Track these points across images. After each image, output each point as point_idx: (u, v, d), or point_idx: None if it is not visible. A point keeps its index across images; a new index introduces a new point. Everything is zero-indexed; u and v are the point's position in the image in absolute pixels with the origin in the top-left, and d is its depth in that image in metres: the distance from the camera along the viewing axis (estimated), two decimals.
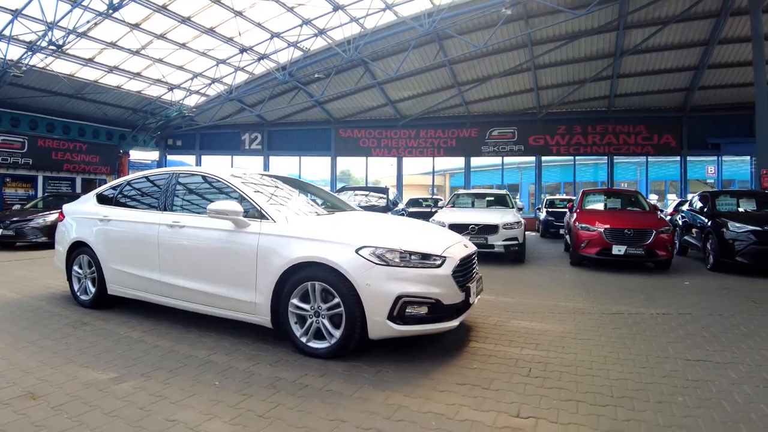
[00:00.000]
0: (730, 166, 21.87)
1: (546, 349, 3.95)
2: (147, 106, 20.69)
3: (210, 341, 3.93)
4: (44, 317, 4.63)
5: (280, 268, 3.59)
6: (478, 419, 2.66)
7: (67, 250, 5.19)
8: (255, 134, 24.00)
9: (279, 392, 2.91)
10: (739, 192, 11.14)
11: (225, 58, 17.66)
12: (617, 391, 3.12)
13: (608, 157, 22.50)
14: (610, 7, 15.01)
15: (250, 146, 23.98)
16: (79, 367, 3.26)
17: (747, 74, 18.00)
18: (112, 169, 21.15)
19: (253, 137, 23.96)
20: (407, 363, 3.49)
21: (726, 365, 3.65)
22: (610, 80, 19.36)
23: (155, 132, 22.87)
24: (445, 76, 19.93)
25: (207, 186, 4.55)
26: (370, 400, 2.85)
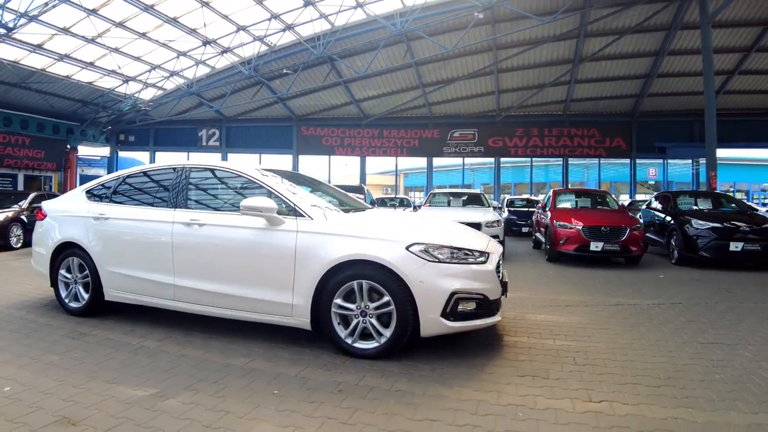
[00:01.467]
0: (673, 168, 23.44)
1: (575, 339, 4.08)
2: (98, 99, 19.51)
3: (240, 347, 3.65)
4: (33, 329, 4.11)
5: (323, 267, 3.43)
6: (558, 407, 2.72)
7: (51, 253, 4.64)
8: (213, 130, 23.22)
9: (349, 396, 2.80)
10: (696, 192, 11.98)
11: (186, 51, 16.99)
12: (661, 373, 3.30)
13: (563, 159, 23.54)
14: (572, 16, 15.71)
15: (207, 143, 23.16)
16: (106, 384, 2.93)
17: (691, 83, 19.44)
18: (58, 166, 19.79)
19: (210, 133, 23.17)
20: (455, 359, 3.47)
21: (736, 346, 3.96)
22: (567, 85, 20.26)
23: (106, 126, 21.62)
24: (411, 77, 20.12)
25: (227, 182, 4.26)
26: (446, 397, 2.82)
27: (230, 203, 4.15)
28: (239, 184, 4.17)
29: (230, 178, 4.24)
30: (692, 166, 22.27)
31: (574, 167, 25.94)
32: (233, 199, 4.15)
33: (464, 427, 2.46)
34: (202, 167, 4.38)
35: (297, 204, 3.72)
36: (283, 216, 3.67)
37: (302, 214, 3.65)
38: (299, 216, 3.65)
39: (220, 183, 4.32)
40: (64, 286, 4.64)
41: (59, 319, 4.44)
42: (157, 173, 4.59)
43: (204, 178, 4.33)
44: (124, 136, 23.01)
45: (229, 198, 4.18)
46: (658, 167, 23.42)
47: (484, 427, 2.48)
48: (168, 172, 4.46)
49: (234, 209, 4.00)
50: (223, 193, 4.27)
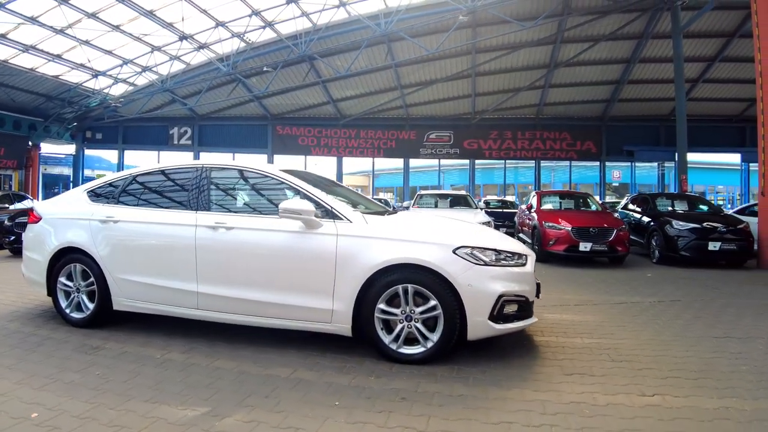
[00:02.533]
0: (640, 170, 24.40)
1: (599, 337, 4.17)
2: (65, 94, 18.60)
3: (274, 356, 3.50)
4: (35, 343, 3.74)
5: (367, 271, 3.33)
6: (617, 402, 2.79)
7: (49, 259, 4.24)
8: (185, 128, 22.56)
9: (414, 403, 2.73)
10: (672, 194, 12.49)
11: (161, 45, 16.42)
12: (693, 366, 3.45)
13: (536, 161, 24.12)
14: (551, 23, 16.11)
15: (179, 141, 22.48)
16: (147, 404, 2.69)
17: (658, 90, 20.30)
18: (19, 164, 18.75)
19: (182, 131, 22.50)
20: (497, 361, 3.47)
21: (747, 340, 4.18)
22: (541, 89, 20.78)
23: (71, 123, 20.61)
24: (390, 78, 20.16)
25: (253, 182, 4.10)
26: (510, 399, 2.82)
27: (259, 205, 4.02)
28: (266, 184, 4.04)
29: (255, 178, 4.09)
30: (658, 169, 23.27)
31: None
32: (262, 201, 4.02)
33: (541, 427, 2.48)
34: (225, 167, 4.16)
35: (333, 206, 3.60)
36: (320, 219, 3.55)
37: (340, 217, 3.55)
38: (336, 219, 3.55)
39: (246, 184, 4.14)
40: (64, 296, 4.25)
41: (61, 331, 4.08)
42: (171, 173, 4.32)
43: (227, 178, 4.12)
44: (90, 133, 22.01)
45: (258, 200, 4.04)
46: (623, 170, 24.35)
47: (560, 425, 2.50)
48: (184, 171, 4.20)
49: (264, 211, 3.88)
50: (250, 195, 4.11)
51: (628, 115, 22.08)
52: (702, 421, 2.59)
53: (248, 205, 4.04)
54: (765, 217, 9.18)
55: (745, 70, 18.65)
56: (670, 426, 2.54)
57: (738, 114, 21.44)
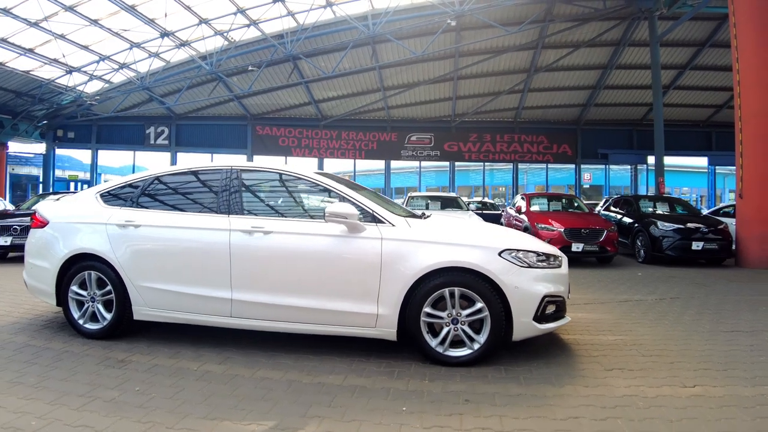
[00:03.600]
0: (613, 173, 25.17)
1: (620, 334, 4.31)
2: (35, 90, 17.83)
3: (317, 363, 3.42)
4: (52, 358, 3.47)
5: (413, 275, 3.32)
6: (665, 393, 2.92)
7: (60, 267, 3.97)
8: (162, 128, 21.97)
9: (480, 405, 2.74)
10: (653, 197, 12.96)
11: (141, 42, 15.98)
12: (717, 358, 3.64)
13: (513, 164, 24.59)
14: (533, 29, 16.50)
15: (155, 141, 21.88)
16: (207, 421, 2.56)
17: (631, 96, 21.06)
18: None
19: (159, 131, 21.91)
20: (538, 360, 3.53)
21: (754, 333, 4.42)
22: (521, 93, 21.22)
23: (42, 121, 19.74)
24: (373, 80, 20.20)
25: (287, 185, 4.02)
26: (568, 396, 2.89)
27: (296, 209, 3.97)
28: (301, 187, 3.98)
29: (289, 181, 4.02)
30: (631, 171, 24.09)
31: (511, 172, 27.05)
32: (298, 205, 3.97)
33: (607, 420, 2.56)
34: (256, 169, 4.06)
35: (374, 210, 3.57)
36: (363, 222, 3.51)
37: (382, 221, 3.53)
38: (379, 222, 3.53)
39: (279, 187, 4.07)
40: (76, 305, 3.99)
41: (75, 343, 3.81)
42: (196, 175, 4.15)
43: (259, 181, 4.05)
44: (62, 131, 21.12)
45: (294, 203, 3.99)
46: (592, 172, 25.07)
47: (624, 417, 2.60)
48: (211, 173, 4.04)
49: (302, 215, 3.84)
50: (286, 198, 4.04)
51: (603, 119, 22.79)
52: (747, 408, 2.74)
53: (284, 209, 3.96)
54: (743, 218, 9.64)
55: (713, 78, 19.60)
56: (720, 413, 2.67)
57: (705, 119, 22.43)
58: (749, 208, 9.43)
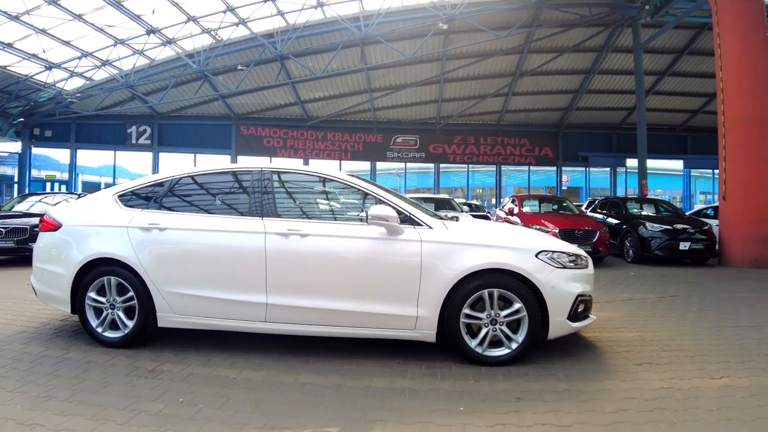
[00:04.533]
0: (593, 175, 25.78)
1: (637, 331, 4.46)
2: (12, 86, 17.22)
3: (355, 368, 3.41)
4: (78, 369, 3.30)
5: (454, 277, 3.37)
6: (697, 385, 3.09)
7: (76, 273, 3.80)
8: (144, 127, 21.48)
9: (532, 401, 2.86)
10: (640, 199, 13.36)
11: (126, 38, 15.63)
12: (733, 351, 3.85)
13: (496, 166, 24.96)
14: (519, 34, 16.81)
15: (137, 140, 21.38)
16: (269, 431, 2.52)
17: (611, 100, 21.67)
18: None
19: (141, 130, 21.41)
20: (569, 358, 3.63)
21: (757, 327, 4.66)
22: (505, 97, 21.57)
23: (17, 119, 19.06)
24: (360, 81, 20.24)
25: (321, 187, 4.02)
26: (608, 390, 3.01)
27: (332, 211, 3.97)
28: (335, 190, 3.99)
29: (323, 183, 4.03)
30: (610, 174, 24.74)
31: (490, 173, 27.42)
32: (334, 207, 3.97)
33: (654, 412, 2.69)
34: (286, 171, 4.04)
35: (411, 212, 3.59)
36: (402, 225, 3.53)
37: (419, 223, 3.55)
38: (417, 225, 3.55)
39: (313, 189, 4.08)
40: (94, 313, 3.82)
41: (96, 353, 3.64)
42: (224, 176, 4.08)
43: (290, 182, 4.03)
44: (39, 130, 20.40)
45: (329, 205, 3.99)
46: (571, 174, 25.63)
47: (668, 408, 2.74)
48: (240, 174, 4.00)
49: (338, 218, 3.85)
50: (318, 200, 4.04)
51: (584, 122, 23.35)
52: None
53: (318, 211, 3.96)
54: (726, 220, 10.03)
55: (689, 84, 20.33)
56: (753, 402, 2.84)
57: (681, 124, 23.22)
58: (732, 210, 9.82)
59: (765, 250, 9.48)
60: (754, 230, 9.47)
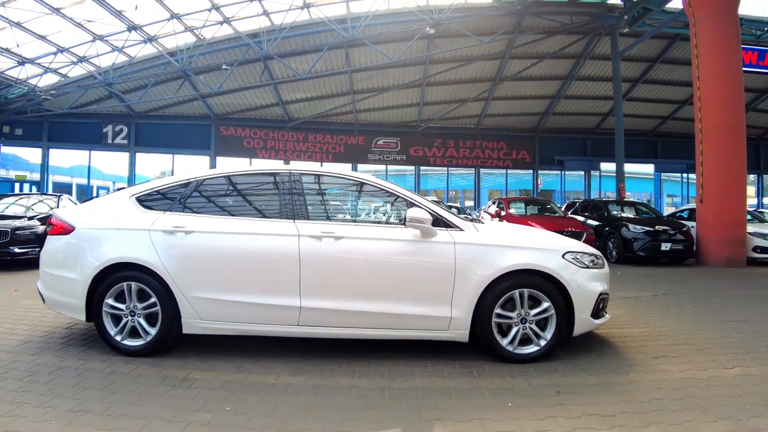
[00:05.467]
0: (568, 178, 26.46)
1: (642, 326, 4.70)
2: None
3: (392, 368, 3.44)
4: (104, 380, 3.13)
5: (487, 278, 3.46)
6: (714, 375, 3.33)
7: (92, 278, 3.61)
8: (120, 126, 20.87)
9: (572, 394, 2.98)
10: (620, 201, 13.84)
11: (106, 35, 15.22)
12: (735, 343, 4.14)
13: (475, 169, 25.35)
14: (502, 40, 17.18)
15: (113, 140, 20.76)
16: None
17: (586, 106, 22.35)
18: None
19: (117, 130, 20.80)
20: (589, 353, 3.79)
21: (750, 322, 4.99)
22: (485, 101, 21.95)
23: None
24: (343, 83, 20.25)
25: (352, 190, 4.04)
26: (637, 381, 3.19)
27: (362, 213, 4.01)
28: (364, 191, 4.03)
29: (354, 186, 4.06)
30: (584, 177, 25.47)
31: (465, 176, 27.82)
32: (364, 209, 4.02)
33: (683, 399, 2.88)
34: (316, 173, 4.04)
35: (442, 214, 3.65)
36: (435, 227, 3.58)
37: (451, 225, 3.62)
38: (449, 227, 3.61)
39: (342, 191, 4.12)
40: (112, 320, 3.64)
41: (117, 362, 3.46)
42: (250, 178, 4.07)
43: (320, 185, 4.04)
44: (9, 128, 19.53)
45: (359, 207, 4.02)
46: (545, 178, 26.23)
47: (697, 396, 2.94)
48: (268, 176, 4.00)
49: (371, 220, 3.89)
50: (350, 202, 4.08)
51: (560, 127, 23.98)
52: None
53: (350, 214, 4.00)
54: (703, 222, 10.53)
55: (661, 92, 21.17)
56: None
57: (652, 129, 24.11)
58: (709, 213, 10.32)
59: (739, 250, 10.03)
60: (730, 232, 9.99)
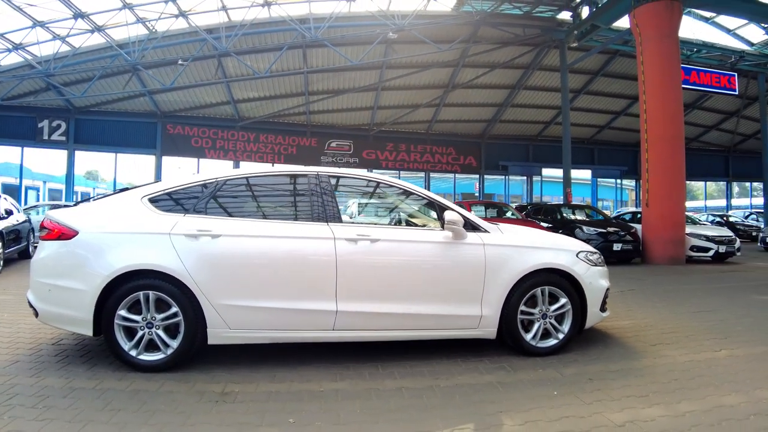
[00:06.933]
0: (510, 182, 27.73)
1: (628, 319, 5.11)
2: None
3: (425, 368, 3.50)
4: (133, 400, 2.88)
5: (515, 276, 3.65)
6: (708, 357, 3.78)
7: (103, 288, 3.30)
8: (58, 122, 19.33)
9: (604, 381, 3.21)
10: (571, 205, 14.76)
11: (48, 21, 14.18)
12: (710, 330, 4.64)
13: (425, 173, 25.94)
14: (457, 49, 17.79)
15: (50, 136, 19.20)
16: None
17: (530, 114, 23.64)
18: None
19: (55, 125, 19.26)
20: (597, 343, 4.10)
21: (715, 311, 5.61)
22: (436, 107, 22.57)
23: None
24: (298, 83, 20.09)
25: (381, 192, 4.09)
26: (653, 366, 3.55)
27: (393, 215, 4.09)
28: (392, 194, 4.12)
29: (381, 188, 4.11)
30: (526, 182, 26.82)
31: (415, 181, 28.50)
32: (394, 211, 4.09)
33: (695, 379, 3.26)
34: (344, 175, 4.02)
35: (469, 217, 3.79)
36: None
37: (479, 227, 3.77)
38: (476, 229, 3.76)
39: (371, 194, 4.18)
40: (126, 334, 3.35)
41: (135, 379, 3.20)
42: (277, 179, 3.97)
43: (348, 187, 4.11)
44: None
45: (389, 210, 4.11)
46: (492, 182, 27.35)
47: (702, 375, 3.36)
48: (295, 178, 3.88)
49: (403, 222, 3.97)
50: (379, 205, 4.15)
51: (505, 134, 25.12)
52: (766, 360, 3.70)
53: (381, 216, 4.10)
54: (648, 223, 11.51)
55: (599, 102, 22.80)
56: (757, 365, 3.60)
57: (589, 137, 25.85)
58: (654, 215, 11.30)
59: (680, 249, 11.06)
60: (672, 233, 11.00)
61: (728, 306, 5.90)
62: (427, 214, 4.04)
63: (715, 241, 11.33)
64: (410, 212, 4.22)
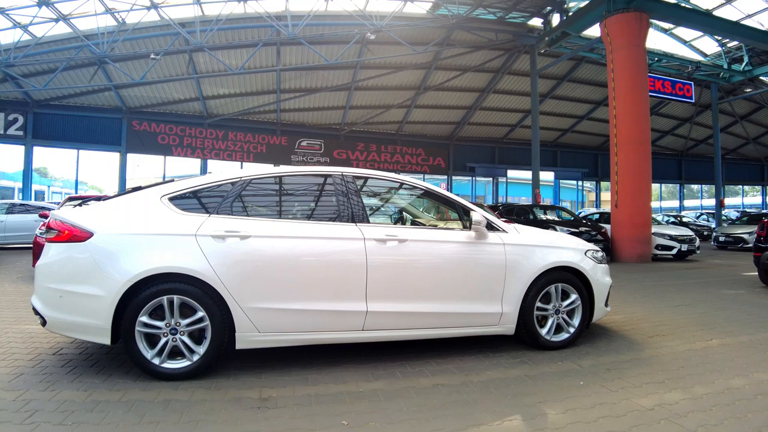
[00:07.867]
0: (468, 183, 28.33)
1: (619, 314, 5.38)
2: None
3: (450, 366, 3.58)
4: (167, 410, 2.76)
5: (531, 275, 3.82)
6: (704, 346, 4.10)
7: (123, 294, 3.14)
8: (15, 115, 18.31)
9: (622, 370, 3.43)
10: (542, 205, 15.27)
11: (8, 8, 13.45)
12: (696, 322, 5.01)
13: (396, 173, 26.14)
14: (430, 51, 18.07)
15: (6, 131, 18.13)
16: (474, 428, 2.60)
17: (497, 117, 24.26)
18: None
19: (11, 119, 18.22)
20: (601, 337, 4.37)
21: (694, 305, 6.01)
22: (407, 109, 22.83)
23: None
24: (270, 81, 19.86)
25: (405, 193, 4.15)
26: (659, 355, 3.80)
27: (417, 216, 4.16)
28: (414, 195, 4.22)
29: (404, 189, 4.19)
30: (492, 183, 27.51)
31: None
32: (418, 212, 4.17)
33: (699, 366, 3.56)
34: (368, 176, 4.02)
35: (490, 218, 3.90)
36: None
37: (498, 228, 3.91)
38: (495, 229, 3.90)
39: (395, 194, 4.22)
40: (147, 341, 3.21)
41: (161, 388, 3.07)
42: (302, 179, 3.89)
43: (373, 188, 4.14)
44: None
45: (414, 210, 4.16)
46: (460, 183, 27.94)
47: (704, 362, 3.65)
48: (320, 178, 3.85)
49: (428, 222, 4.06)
50: (403, 205, 4.19)
51: (473, 136, 25.70)
52: (755, 347, 4.05)
53: (406, 216, 4.14)
54: (617, 223, 12.11)
55: (564, 107, 23.66)
56: (749, 351, 3.93)
57: (553, 141, 26.79)
58: (623, 215, 11.90)
59: (646, 248, 11.69)
60: (639, 232, 11.62)
61: (704, 300, 6.35)
62: (441, 214, 4.16)
63: (678, 240, 12.05)
64: (432, 212, 4.33)
